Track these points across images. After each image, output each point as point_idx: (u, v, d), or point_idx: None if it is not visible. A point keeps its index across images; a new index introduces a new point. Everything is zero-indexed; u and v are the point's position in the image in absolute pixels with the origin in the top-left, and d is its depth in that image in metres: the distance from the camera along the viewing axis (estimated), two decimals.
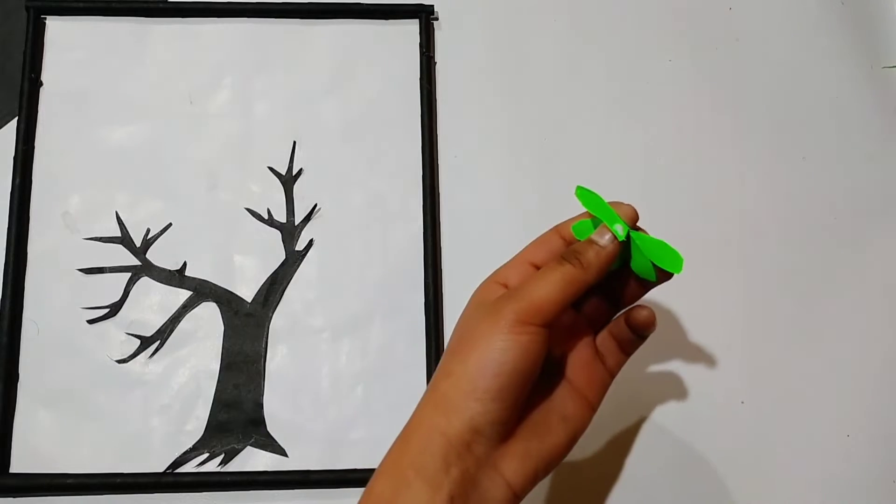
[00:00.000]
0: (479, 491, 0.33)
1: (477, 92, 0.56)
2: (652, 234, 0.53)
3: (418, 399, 0.44)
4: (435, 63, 0.56)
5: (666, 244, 0.37)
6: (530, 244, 0.39)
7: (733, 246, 0.54)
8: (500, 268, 0.38)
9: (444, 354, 0.36)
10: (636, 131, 0.56)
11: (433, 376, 0.36)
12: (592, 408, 0.38)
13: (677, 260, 0.36)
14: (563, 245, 0.38)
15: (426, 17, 0.56)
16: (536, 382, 0.36)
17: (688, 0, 0.59)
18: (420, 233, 0.52)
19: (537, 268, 0.37)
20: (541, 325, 0.34)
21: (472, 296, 0.37)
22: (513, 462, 0.34)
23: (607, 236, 0.36)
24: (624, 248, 0.37)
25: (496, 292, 0.36)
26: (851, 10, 0.60)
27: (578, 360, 0.38)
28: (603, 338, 0.40)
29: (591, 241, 0.36)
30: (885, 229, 0.55)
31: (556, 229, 0.39)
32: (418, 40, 0.56)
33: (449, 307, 0.51)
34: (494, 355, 0.33)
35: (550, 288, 0.34)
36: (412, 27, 0.56)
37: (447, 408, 0.33)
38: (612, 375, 0.39)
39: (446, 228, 0.53)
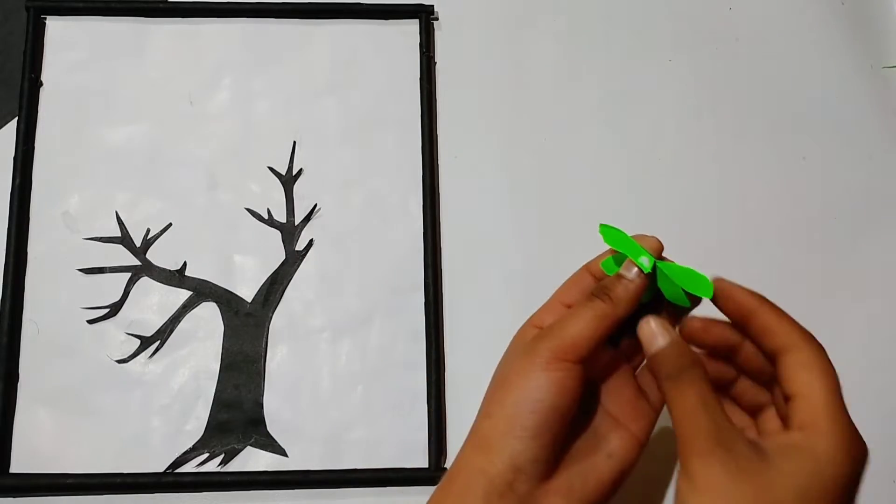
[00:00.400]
0: None
1: (477, 92, 0.56)
2: (651, 233, 0.53)
3: (418, 399, 0.44)
4: (435, 63, 0.56)
5: (693, 270, 0.36)
6: (562, 285, 0.39)
7: (733, 246, 0.54)
8: (536, 312, 0.38)
9: (483, 399, 0.36)
10: (636, 131, 0.56)
11: (474, 421, 0.36)
12: (640, 443, 0.37)
13: (706, 285, 0.36)
14: (594, 282, 0.38)
15: (426, 17, 0.56)
16: (581, 421, 0.36)
17: (688, 0, 0.59)
18: (420, 233, 0.52)
19: (570, 308, 0.37)
20: (574, 362, 0.34)
21: (511, 341, 0.38)
22: (556, 500, 0.34)
23: (634, 270, 0.36)
24: (652, 280, 0.37)
25: (532, 335, 0.36)
26: (851, 10, 0.60)
27: (621, 397, 0.38)
28: (643, 373, 0.39)
29: (619, 276, 0.36)
30: (885, 229, 0.55)
31: (586, 267, 0.39)
32: (418, 40, 0.56)
33: (449, 307, 0.51)
34: (530, 393, 0.33)
35: (582, 325, 0.34)
36: (412, 27, 0.56)
37: (488, 448, 0.34)
38: (657, 411, 0.38)
39: (446, 228, 0.53)
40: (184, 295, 0.51)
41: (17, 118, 0.53)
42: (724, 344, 0.36)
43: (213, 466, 0.48)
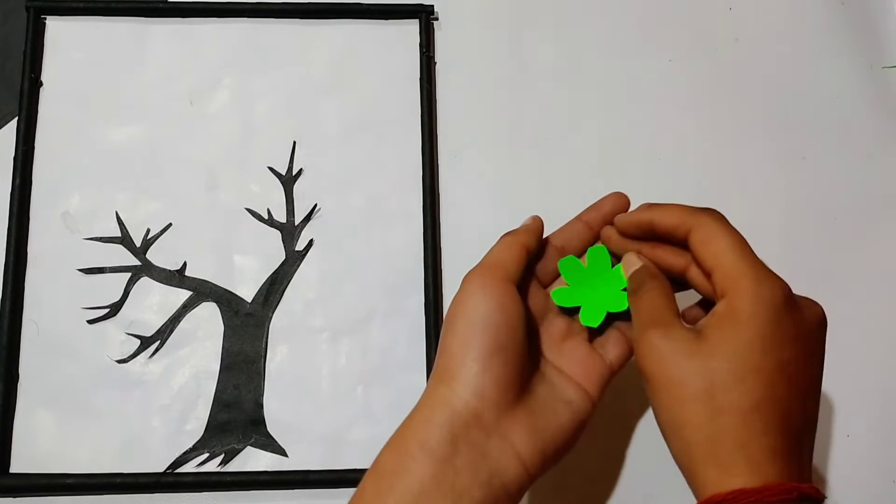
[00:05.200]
0: (488, 461, 0.34)
1: (477, 92, 0.56)
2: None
3: (418, 399, 0.44)
4: (435, 63, 0.56)
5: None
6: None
7: None
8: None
9: (438, 344, 0.37)
10: (636, 131, 0.56)
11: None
12: (591, 399, 0.38)
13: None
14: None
15: (426, 17, 0.56)
16: (538, 376, 0.38)
17: (688, 0, 0.59)
18: (420, 233, 0.52)
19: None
20: (502, 279, 0.37)
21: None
22: (522, 433, 0.35)
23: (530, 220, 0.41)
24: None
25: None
26: (851, 10, 0.60)
27: (574, 358, 0.39)
28: (606, 335, 0.41)
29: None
30: (885, 229, 0.55)
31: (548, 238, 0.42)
32: (418, 40, 0.56)
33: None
34: (474, 314, 0.35)
35: (499, 248, 0.39)
36: (412, 27, 0.56)
37: (449, 377, 0.35)
38: (613, 369, 0.40)
39: (446, 228, 0.53)
40: (184, 295, 0.51)
41: (17, 118, 0.52)
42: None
43: (213, 466, 0.48)
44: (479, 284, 0.36)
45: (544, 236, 0.42)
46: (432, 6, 0.56)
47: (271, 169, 0.53)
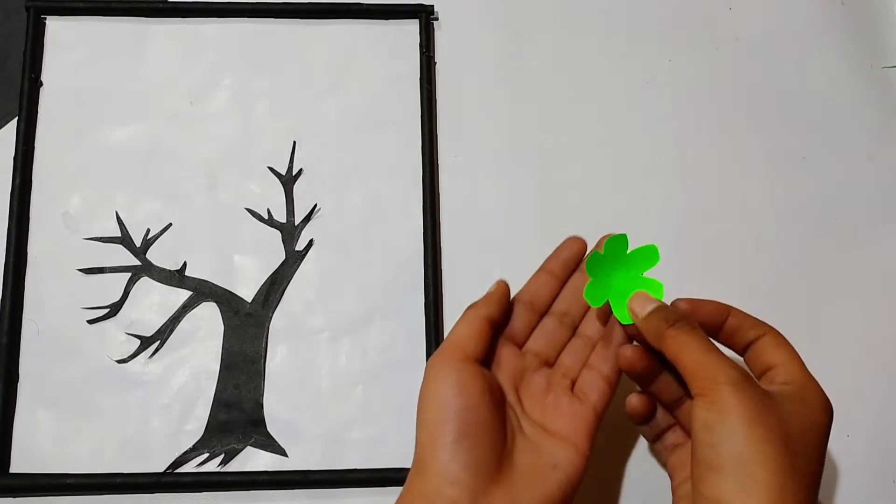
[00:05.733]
0: None
1: (477, 92, 0.56)
2: (651, 235, 0.53)
3: (418, 399, 0.44)
4: (435, 63, 0.56)
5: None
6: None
7: (733, 246, 0.54)
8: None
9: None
10: (636, 131, 0.56)
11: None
12: (582, 454, 0.38)
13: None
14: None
15: (426, 17, 0.56)
16: (523, 439, 0.38)
17: (688, 0, 0.59)
18: (420, 233, 0.52)
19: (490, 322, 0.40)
20: (465, 360, 0.37)
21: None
22: None
23: (499, 283, 0.41)
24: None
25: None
26: (851, 10, 0.60)
27: (557, 411, 0.40)
28: (585, 376, 0.41)
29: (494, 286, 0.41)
30: (885, 229, 0.55)
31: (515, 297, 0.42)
32: (418, 40, 0.56)
33: (449, 307, 0.51)
34: (438, 400, 0.36)
35: (464, 326, 0.39)
36: (412, 27, 0.56)
37: (422, 468, 0.35)
38: (598, 413, 0.40)
39: (446, 228, 0.53)
40: (184, 295, 0.51)
41: (17, 118, 0.52)
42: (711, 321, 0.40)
43: (213, 466, 0.48)
44: (438, 371, 0.37)
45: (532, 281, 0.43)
46: (432, 6, 0.56)
47: (271, 169, 0.53)
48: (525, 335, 0.42)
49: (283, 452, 0.48)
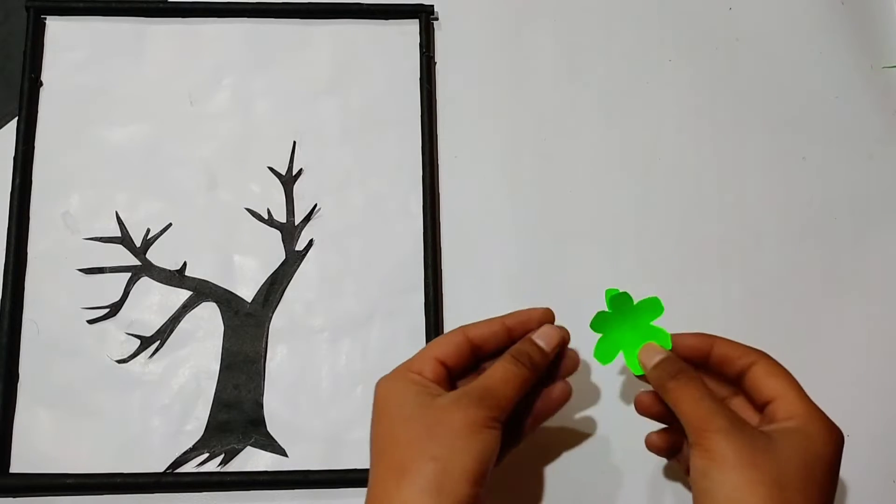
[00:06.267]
0: None
1: (477, 92, 0.56)
2: (651, 234, 0.53)
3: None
4: (435, 63, 0.56)
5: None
6: (435, 341, 0.42)
7: (733, 246, 0.54)
8: (412, 360, 0.41)
9: (407, 437, 0.37)
10: (636, 131, 0.56)
11: (403, 459, 0.37)
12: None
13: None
14: (468, 343, 0.41)
15: (426, 17, 0.56)
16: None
17: (688, 0, 0.59)
18: (420, 233, 0.52)
19: (443, 363, 0.40)
20: (502, 420, 0.38)
21: (388, 383, 0.40)
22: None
23: (551, 341, 0.41)
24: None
25: (418, 381, 0.39)
26: (851, 10, 0.60)
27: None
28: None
29: (535, 345, 0.41)
30: (885, 229, 0.55)
31: (463, 329, 0.42)
32: (418, 40, 0.56)
33: (449, 307, 0.51)
34: (482, 445, 0.36)
35: (511, 390, 0.39)
36: (412, 27, 0.56)
37: (441, 492, 0.35)
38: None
39: (446, 228, 0.53)
40: (184, 295, 0.51)
41: (17, 118, 0.52)
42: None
43: (213, 466, 0.48)
44: (488, 425, 0.37)
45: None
46: (432, 6, 0.56)
47: (271, 169, 0.53)
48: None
49: (283, 452, 0.48)
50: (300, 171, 0.54)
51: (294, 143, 0.54)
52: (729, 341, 0.41)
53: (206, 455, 0.48)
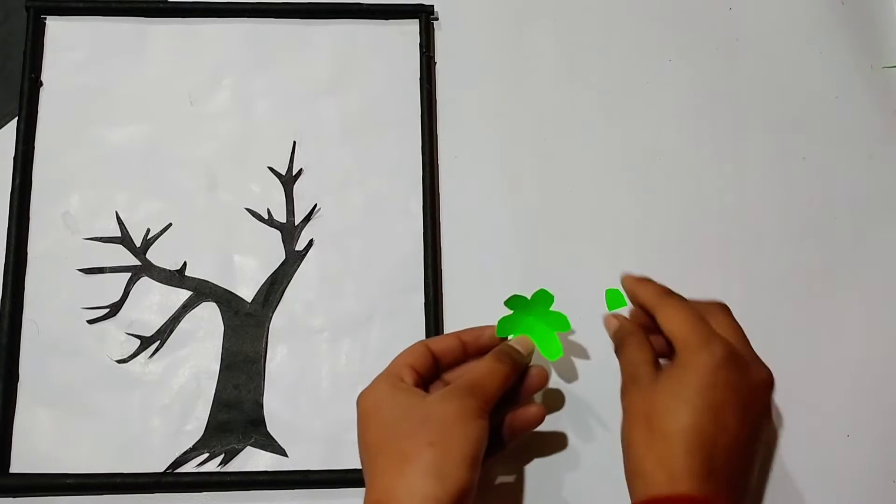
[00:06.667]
0: None
1: (477, 92, 0.56)
2: (651, 234, 0.53)
3: None
4: (435, 63, 0.56)
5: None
6: (401, 354, 0.44)
7: (733, 246, 0.54)
8: (403, 355, 0.44)
9: (400, 430, 0.39)
10: (636, 131, 0.56)
11: (398, 447, 0.39)
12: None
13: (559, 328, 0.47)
14: (430, 355, 0.44)
15: (426, 17, 0.56)
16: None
17: (688, 0, 0.59)
18: (420, 233, 0.52)
19: (416, 371, 0.43)
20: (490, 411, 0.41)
21: (388, 377, 0.42)
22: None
23: (528, 349, 0.45)
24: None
25: (408, 374, 0.42)
26: (851, 10, 0.60)
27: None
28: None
29: (516, 350, 0.44)
30: (885, 229, 0.55)
31: (424, 343, 0.45)
32: (418, 40, 0.56)
33: (449, 307, 0.51)
34: (476, 433, 0.39)
35: (499, 383, 0.42)
36: (412, 27, 0.56)
37: (440, 475, 0.37)
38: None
39: (446, 228, 0.53)
40: (184, 295, 0.51)
41: (17, 118, 0.53)
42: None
43: (213, 466, 0.48)
44: (480, 415, 0.40)
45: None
46: (432, 6, 0.56)
47: (271, 169, 0.53)
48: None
49: (283, 452, 0.48)
50: (300, 171, 0.54)
51: (294, 143, 0.54)
52: (645, 287, 0.44)
53: (206, 455, 0.48)
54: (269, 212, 0.53)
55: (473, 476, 0.38)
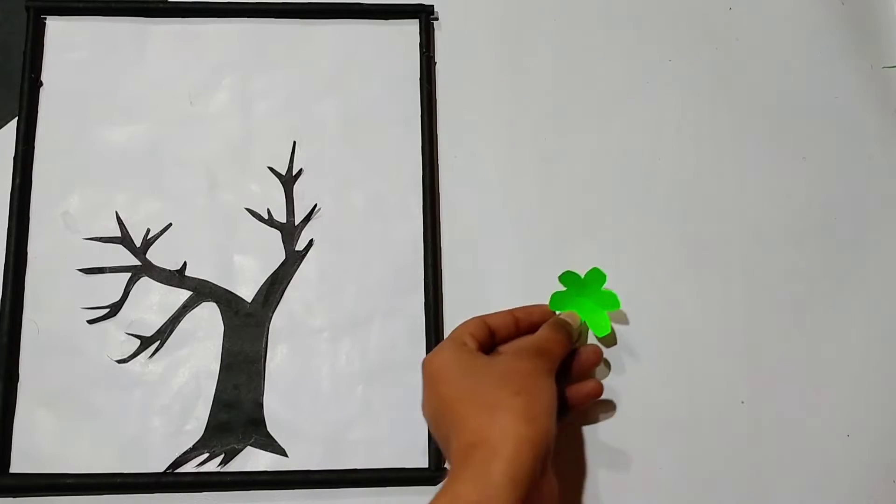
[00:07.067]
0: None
1: (477, 92, 0.56)
2: (651, 234, 0.53)
3: (418, 399, 0.44)
4: (435, 63, 0.56)
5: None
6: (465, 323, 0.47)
7: (733, 246, 0.54)
8: (489, 316, 0.47)
9: (488, 376, 0.42)
10: (636, 131, 0.56)
11: (488, 393, 0.41)
12: None
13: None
14: (487, 326, 0.47)
15: (426, 17, 0.56)
16: None
17: (688, 0, 0.59)
18: (420, 233, 0.52)
19: (476, 339, 0.45)
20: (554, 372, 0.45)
21: (450, 355, 0.44)
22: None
23: (575, 318, 0.48)
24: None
25: (469, 349, 0.45)
26: (851, 10, 0.60)
27: None
28: None
29: (568, 325, 0.47)
30: (885, 229, 0.55)
31: (481, 317, 0.47)
32: (418, 40, 0.56)
33: (449, 307, 0.51)
34: (553, 391, 0.42)
35: (562, 349, 0.46)
36: (412, 27, 0.56)
37: (533, 421, 0.39)
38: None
39: (446, 228, 0.53)
40: (184, 295, 0.51)
41: (17, 118, 0.53)
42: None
43: (213, 466, 0.48)
44: (552, 373, 0.44)
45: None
46: (432, 6, 0.56)
47: (271, 169, 0.53)
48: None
49: (283, 452, 0.48)
50: (300, 171, 0.54)
51: (294, 143, 0.54)
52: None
53: (206, 455, 0.48)
54: (269, 212, 0.53)
55: (554, 425, 0.41)
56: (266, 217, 0.53)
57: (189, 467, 0.48)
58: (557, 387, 0.44)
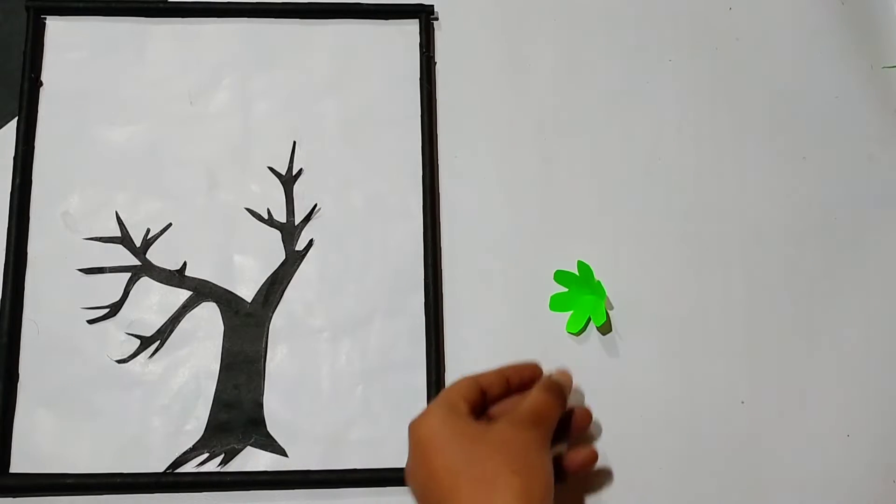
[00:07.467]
0: None
1: (477, 92, 0.56)
2: (651, 234, 0.53)
3: (418, 399, 0.44)
4: (435, 63, 0.56)
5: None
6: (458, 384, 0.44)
7: (733, 246, 0.54)
8: (479, 376, 0.44)
9: (470, 457, 0.39)
10: (636, 131, 0.56)
11: (492, 470, 0.39)
12: None
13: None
14: (479, 385, 0.44)
15: (426, 17, 0.56)
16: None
17: (688, 0, 0.59)
18: (420, 232, 0.52)
19: (468, 402, 0.43)
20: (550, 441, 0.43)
21: (440, 422, 0.41)
22: None
23: (566, 378, 0.46)
24: None
25: (462, 413, 0.42)
26: (851, 10, 0.60)
27: None
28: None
29: (560, 385, 0.44)
30: (885, 229, 0.55)
31: (472, 377, 0.44)
32: (418, 40, 0.56)
33: (449, 307, 0.51)
34: (548, 464, 0.40)
35: (556, 414, 0.43)
36: (412, 27, 0.56)
37: (530, 501, 0.38)
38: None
39: (446, 228, 0.53)
40: (184, 295, 0.51)
41: (17, 118, 0.53)
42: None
43: (213, 466, 0.48)
44: (547, 445, 0.42)
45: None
46: (432, 6, 0.56)
47: (271, 169, 0.53)
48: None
49: (283, 452, 0.48)
50: (300, 171, 0.54)
51: (294, 143, 0.54)
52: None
53: (206, 455, 0.48)
54: (269, 212, 0.53)
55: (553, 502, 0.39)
56: (266, 217, 0.53)
57: (189, 467, 0.48)
58: (552, 448, 0.43)
